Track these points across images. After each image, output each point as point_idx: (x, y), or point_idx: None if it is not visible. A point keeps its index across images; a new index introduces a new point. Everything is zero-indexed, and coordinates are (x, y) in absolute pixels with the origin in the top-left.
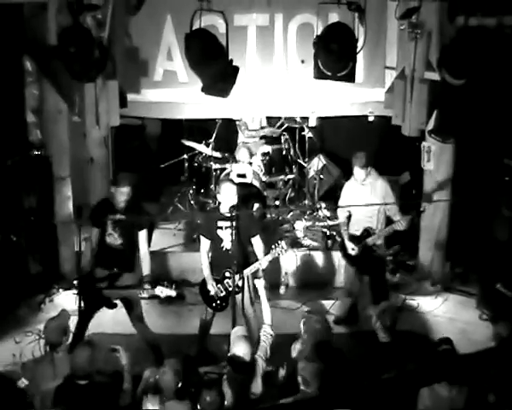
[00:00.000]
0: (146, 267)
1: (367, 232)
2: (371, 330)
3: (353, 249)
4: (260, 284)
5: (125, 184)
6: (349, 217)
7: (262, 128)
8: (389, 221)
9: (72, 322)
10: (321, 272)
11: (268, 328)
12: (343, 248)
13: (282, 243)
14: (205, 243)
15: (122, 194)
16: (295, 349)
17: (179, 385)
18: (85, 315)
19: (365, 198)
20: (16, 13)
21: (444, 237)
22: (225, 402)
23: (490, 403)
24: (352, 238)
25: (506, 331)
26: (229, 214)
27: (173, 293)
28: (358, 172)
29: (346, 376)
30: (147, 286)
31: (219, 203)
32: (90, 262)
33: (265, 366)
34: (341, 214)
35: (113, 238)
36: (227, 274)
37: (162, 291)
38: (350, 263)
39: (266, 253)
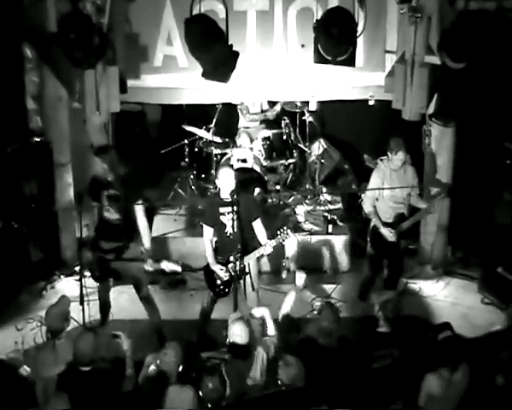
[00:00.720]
0: (146, 241)
1: (400, 218)
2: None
3: (392, 235)
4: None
5: (103, 157)
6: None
7: (263, 112)
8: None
9: (73, 309)
10: (322, 257)
11: (273, 338)
12: (374, 236)
13: (287, 229)
14: (208, 231)
15: (99, 165)
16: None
17: (180, 368)
18: (101, 287)
19: (397, 184)
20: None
21: (445, 221)
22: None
23: (498, 385)
24: (386, 225)
25: None
26: (229, 199)
27: (179, 268)
28: (398, 157)
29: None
30: (150, 260)
31: (219, 189)
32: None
33: (265, 361)
34: (368, 204)
35: (110, 213)
36: (231, 258)
37: (167, 266)
38: (378, 250)
39: (270, 238)
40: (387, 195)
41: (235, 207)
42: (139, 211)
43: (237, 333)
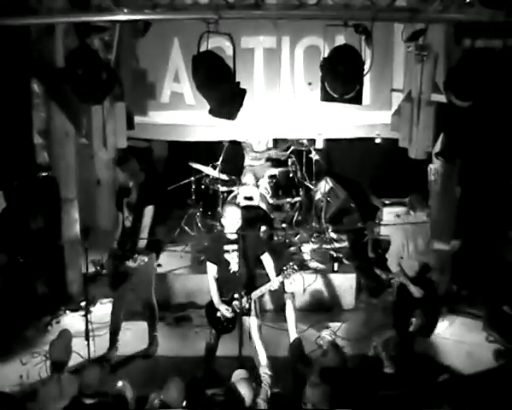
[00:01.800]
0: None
1: (426, 268)
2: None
3: (420, 291)
4: (253, 322)
5: (123, 166)
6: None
7: (267, 150)
8: None
9: (78, 344)
10: (328, 295)
11: (266, 369)
12: (401, 293)
13: (293, 265)
14: (212, 268)
15: (121, 175)
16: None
17: (184, 404)
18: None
19: (419, 238)
20: (24, 35)
21: (449, 260)
22: None
23: None
24: (414, 281)
25: None
26: (234, 237)
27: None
28: (422, 214)
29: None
30: (135, 256)
31: (224, 227)
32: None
33: (266, 406)
34: (393, 264)
35: (128, 221)
36: (235, 296)
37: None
38: (406, 308)
39: (277, 274)
40: (412, 250)
41: (240, 244)
42: (147, 211)
43: (243, 393)
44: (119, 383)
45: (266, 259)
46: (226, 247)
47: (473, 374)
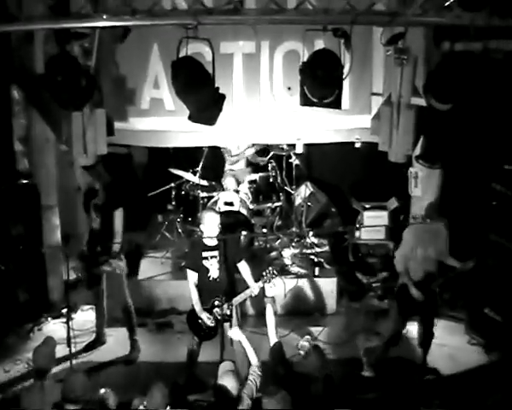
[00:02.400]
0: (116, 245)
1: (431, 277)
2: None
3: (421, 296)
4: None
5: (89, 168)
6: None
7: (243, 152)
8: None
9: (60, 351)
10: (309, 300)
11: (256, 369)
12: (402, 294)
13: (273, 270)
14: (192, 276)
15: (86, 177)
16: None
17: (168, 409)
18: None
19: (429, 244)
20: (4, 42)
21: None
22: None
23: None
24: (416, 284)
25: None
26: (213, 244)
27: (121, 265)
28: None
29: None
30: (111, 260)
31: (202, 233)
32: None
33: (250, 405)
34: (400, 263)
35: (96, 223)
36: (216, 303)
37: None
38: (405, 308)
39: (257, 279)
40: (421, 255)
41: (219, 250)
42: (117, 216)
43: (229, 385)
44: (102, 390)
45: (243, 266)
46: (205, 253)
47: (454, 375)
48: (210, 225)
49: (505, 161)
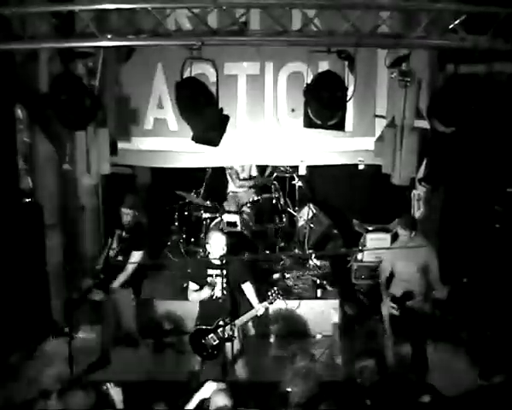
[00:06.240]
0: (121, 278)
1: (407, 295)
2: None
3: (394, 309)
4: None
5: (128, 205)
6: (390, 277)
7: (252, 178)
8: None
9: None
10: (310, 321)
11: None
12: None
13: (277, 290)
14: (194, 289)
15: (125, 214)
16: None
17: None
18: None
19: (408, 261)
20: (8, 60)
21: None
22: None
23: None
24: (393, 299)
25: None
26: (218, 263)
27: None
28: (402, 233)
29: None
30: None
31: (208, 253)
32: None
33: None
34: (383, 273)
35: (113, 251)
36: (221, 323)
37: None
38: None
39: (261, 301)
40: (399, 271)
41: (224, 271)
42: (135, 257)
43: (220, 405)
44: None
45: (247, 288)
46: (210, 272)
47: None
48: (216, 246)
49: (508, 183)
